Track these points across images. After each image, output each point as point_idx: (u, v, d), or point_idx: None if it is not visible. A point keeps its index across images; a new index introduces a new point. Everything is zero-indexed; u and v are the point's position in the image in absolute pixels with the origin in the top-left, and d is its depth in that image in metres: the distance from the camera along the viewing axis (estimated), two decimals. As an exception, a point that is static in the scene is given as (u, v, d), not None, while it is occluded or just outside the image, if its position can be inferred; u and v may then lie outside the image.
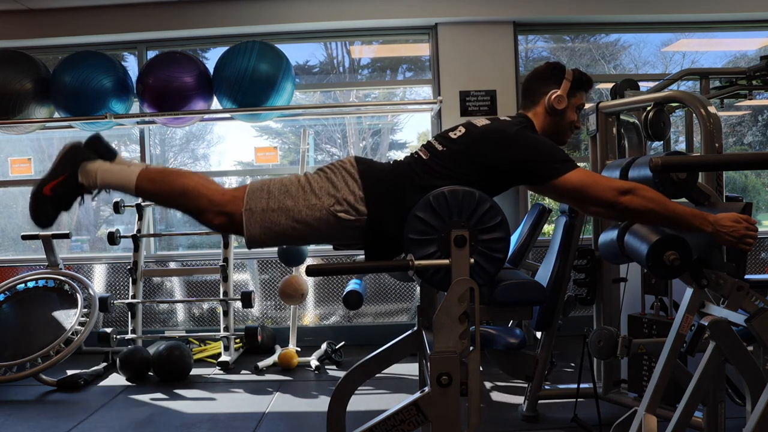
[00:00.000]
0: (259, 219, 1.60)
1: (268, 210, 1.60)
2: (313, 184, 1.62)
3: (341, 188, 1.61)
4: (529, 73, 1.91)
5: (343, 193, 1.60)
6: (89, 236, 5.01)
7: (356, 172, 1.63)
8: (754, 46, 4.82)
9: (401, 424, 1.44)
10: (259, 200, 1.60)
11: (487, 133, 1.69)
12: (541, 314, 2.55)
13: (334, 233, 1.64)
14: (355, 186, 1.60)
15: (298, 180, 1.64)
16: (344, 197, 1.59)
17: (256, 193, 1.61)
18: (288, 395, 3.17)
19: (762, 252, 4.37)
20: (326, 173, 1.65)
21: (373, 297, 4.27)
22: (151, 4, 4.13)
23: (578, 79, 1.84)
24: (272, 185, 1.63)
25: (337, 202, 1.59)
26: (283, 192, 1.61)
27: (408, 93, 4.92)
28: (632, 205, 1.57)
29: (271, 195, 1.61)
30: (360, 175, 1.62)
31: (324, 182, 1.63)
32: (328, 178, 1.63)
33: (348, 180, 1.62)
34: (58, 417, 2.91)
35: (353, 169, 1.64)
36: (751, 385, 1.58)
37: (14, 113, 3.73)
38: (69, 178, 1.66)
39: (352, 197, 1.59)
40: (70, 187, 1.67)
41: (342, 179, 1.62)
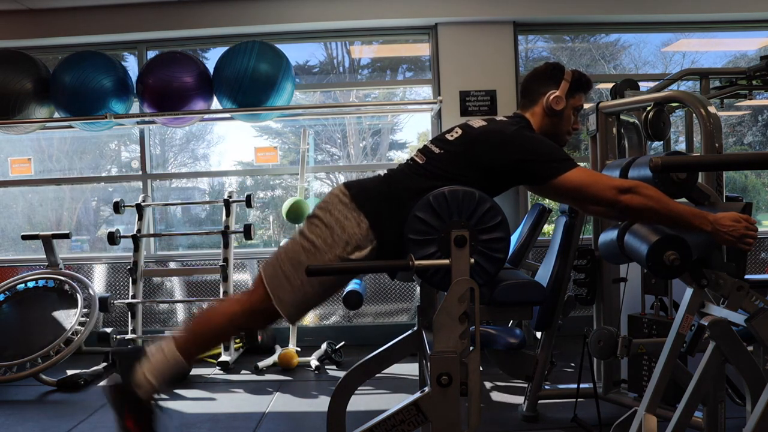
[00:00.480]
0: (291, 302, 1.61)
1: (295, 291, 1.60)
2: (318, 242, 1.59)
3: (346, 226, 1.58)
4: (528, 73, 1.91)
5: (349, 231, 1.57)
6: (89, 236, 5.00)
7: (350, 201, 1.60)
8: (754, 46, 4.82)
9: (401, 424, 1.44)
10: (282, 288, 1.60)
11: (485, 134, 1.68)
12: (541, 314, 2.55)
13: None
14: (357, 215, 1.58)
15: (301, 246, 1.61)
16: (352, 234, 1.57)
17: (276, 281, 1.61)
18: (288, 395, 3.17)
19: (762, 252, 4.37)
20: (322, 218, 1.62)
21: (373, 297, 4.27)
22: (151, 4, 4.13)
23: (577, 81, 1.84)
24: (283, 266, 1.62)
25: (347, 244, 1.57)
26: (296, 267, 1.58)
27: (408, 93, 4.92)
28: (632, 203, 1.57)
29: (288, 277, 1.60)
30: (356, 202, 1.60)
31: (326, 232, 1.59)
32: (327, 225, 1.60)
33: (347, 213, 1.59)
34: (58, 417, 2.91)
35: (347, 199, 1.61)
36: (751, 385, 1.58)
37: (14, 113, 3.73)
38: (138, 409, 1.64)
39: (359, 230, 1.57)
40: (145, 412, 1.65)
41: (341, 216, 1.59)
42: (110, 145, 5.04)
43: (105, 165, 5.02)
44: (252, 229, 3.82)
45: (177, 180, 5.01)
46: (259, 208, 5.03)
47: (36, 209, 4.91)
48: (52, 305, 3.63)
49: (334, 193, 1.65)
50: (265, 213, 5.10)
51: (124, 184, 4.76)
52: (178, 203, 4.83)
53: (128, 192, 4.70)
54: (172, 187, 5.00)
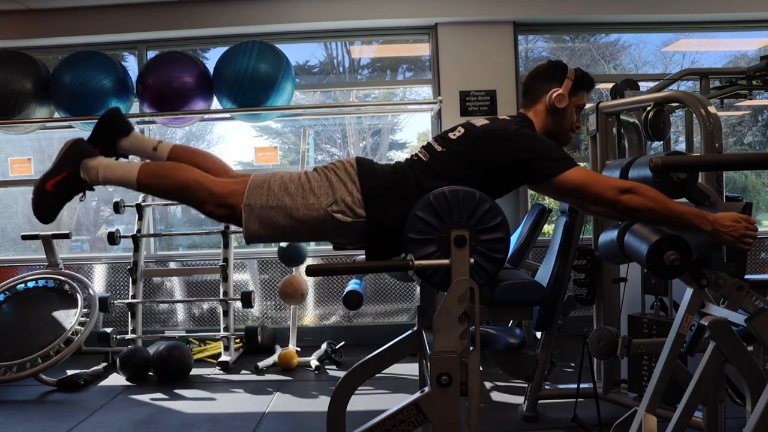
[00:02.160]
0: (257, 215, 1.61)
1: (267, 207, 1.61)
2: (313, 183, 1.63)
3: (339, 189, 1.61)
4: (530, 71, 1.90)
5: (340, 194, 1.60)
6: (89, 236, 5.01)
7: (355, 174, 1.63)
8: (754, 46, 4.82)
9: (401, 424, 1.44)
10: (259, 197, 1.61)
11: (487, 132, 1.68)
12: (541, 314, 2.55)
13: (331, 233, 1.65)
14: (354, 187, 1.61)
15: (299, 177, 1.65)
16: (342, 198, 1.60)
17: (257, 190, 1.62)
18: (288, 395, 3.17)
19: (762, 252, 4.37)
20: (326, 173, 1.66)
21: (373, 297, 4.27)
22: (151, 4, 4.13)
23: (580, 79, 1.84)
24: (273, 182, 1.64)
25: (334, 202, 1.59)
26: (282, 189, 1.62)
27: (408, 93, 4.92)
28: (632, 203, 1.57)
29: (271, 192, 1.62)
30: (359, 177, 1.62)
31: (323, 181, 1.63)
32: (327, 178, 1.64)
33: (347, 181, 1.62)
34: (58, 417, 2.91)
35: (353, 170, 1.64)
36: (751, 385, 1.58)
37: (14, 113, 3.73)
38: (71, 174, 1.69)
39: (350, 198, 1.60)
40: (72, 183, 1.70)
41: (341, 180, 1.62)
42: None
43: (105, 165, 5.01)
44: (252, 229, 3.80)
45: (177, 180, 5.00)
46: (259, 208, 5.03)
47: (36, 209, 4.90)
48: (52, 305, 3.63)
49: (344, 161, 1.68)
50: (265, 213, 5.09)
51: (124, 184, 4.75)
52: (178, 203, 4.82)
53: (128, 192, 4.69)
54: (172, 187, 4.99)
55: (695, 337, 1.64)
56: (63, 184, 1.69)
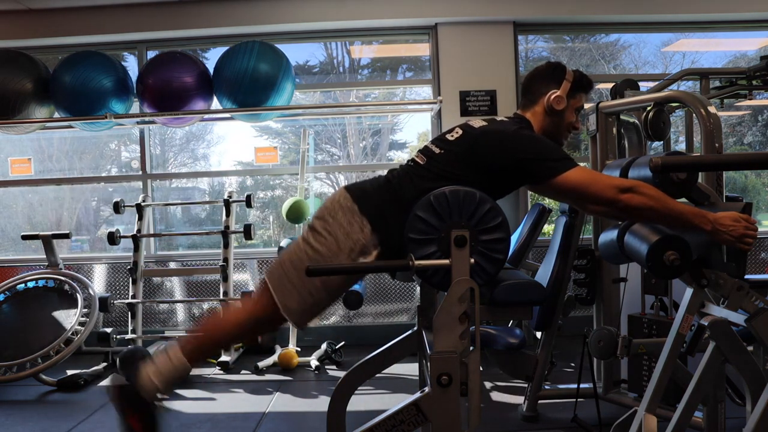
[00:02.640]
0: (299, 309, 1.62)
1: (302, 299, 1.60)
2: (322, 251, 1.59)
3: (350, 232, 1.58)
4: (529, 72, 1.91)
5: (353, 237, 1.58)
6: (89, 236, 5.01)
7: (353, 205, 1.60)
8: (754, 46, 4.82)
9: (401, 424, 1.44)
10: (289, 295, 1.61)
11: (485, 134, 1.68)
12: (541, 314, 2.55)
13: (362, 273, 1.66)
14: (359, 220, 1.59)
15: (306, 253, 1.60)
16: (357, 239, 1.57)
17: (281, 290, 1.61)
18: (288, 395, 3.17)
19: (762, 252, 4.37)
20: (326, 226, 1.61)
21: (373, 297, 4.27)
22: (151, 4, 4.14)
23: (578, 81, 1.84)
24: (289, 274, 1.61)
25: (351, 251, 1.57)
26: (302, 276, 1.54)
27: (408, 93, 4.92)
28: (632, 202, 1.57)
29: (295, 285, 1.60)
30: (358, 206, 1.60)
31: (330, 238, 1.59)
32: (330, 232, 1.60)
33: (349, 218, 1.59)
34: (58, 417, 2.91)
35: (349, 203, 1.61)
36: (751, 385, 1.58)
37: (14, 113, 3.72)
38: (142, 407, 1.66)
39: (362, 235, 1.58)
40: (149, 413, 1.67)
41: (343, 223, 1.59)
42: (110, 145, 5.04)
43: (105, 165, 5.02)
44: (252, 229, 3.81)
45: (177, 180, 5.01)
46: (259, 208, 5.04)
47: (36, 209, 4.91)
48: (52, 305, 3.63)
49: (335, 199, 1.65)
50: (265, 213, 5.10)
51: (124, 184, 4.76)
52: (178, 203, 4.82)
53: (128, 192, 4.70)
54: (172, 187, 5.00)
55: (695, 337, 1.64)
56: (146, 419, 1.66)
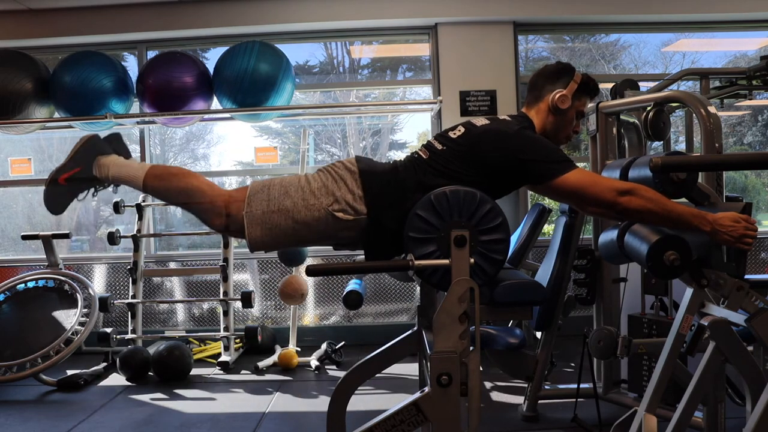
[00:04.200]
0: (259, 221, 1.60)
1: (268, 212, 1.60)
2: (312, 184, 1.63)
3: (340, 187, 1.61)
4: (538, 70, 1.91)
5: (341, 192, 1.60)
6: (89, 236, 5.01)
7: (356, 170, 1.63)
8: (754, 46, 4.82)
9: (401, 424, 1.44)
10: (260, 202, 1.61)
11: (487, 132, 1.69)
12: (541, 314, 2.55)
13: (333, 233, 1.64)
14: (354, 185, 1.61)
15: (298, 180, 1.65)
16: (343, 196, 1.60)
17: (257, 196, 1.62)
18: (288, 395, 3.17)
19: (762, 252, 4.37)
20: (326, 173, 1.66)
21: (373, 297, 4.27)
22: (151, 4, 4.13)
23: (585, 84, 1.84)
24: (272, 187, 1.64)
25: (335, 201, 1.59)
26: (282, 193, 1.62)
27: (408, 93, 4.92)
28: (631, 205, 1.57)
29: (271, 197, 1.62)
30: (360, 174, 1.63)
31: (322, 182, 1.63)
32: (326, 178, 1.64)
33: (347, 179, 1.62)
34: (58, 417, 2.91)
35: (353, 167, 1.64)
36: (751, 385, 1.58)
37: (14, 113, 3.72)
38: (84, 170, 1.74)
39: (351, 196, 1.60)
40: (84, 179, 1.75)
41: (341, 178, 1.63)
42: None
43: (105, 165, 5.02)
44: (252, 229, 3.81)
45: (177, 180, 5.00)
46: (259, 208, 5.03)
47: (36, 209, 4.91)
48: (52, 305, 3.63)
49: (344, 161, 1.68)
50: (265, 213, 5.09)
51: (124, 184, 4.75)
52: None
53: (128, 192, 4.69)
54: (172, 187, 4.99)
55: (695, 337, 1.64)
56: (76, 179, 1.73)
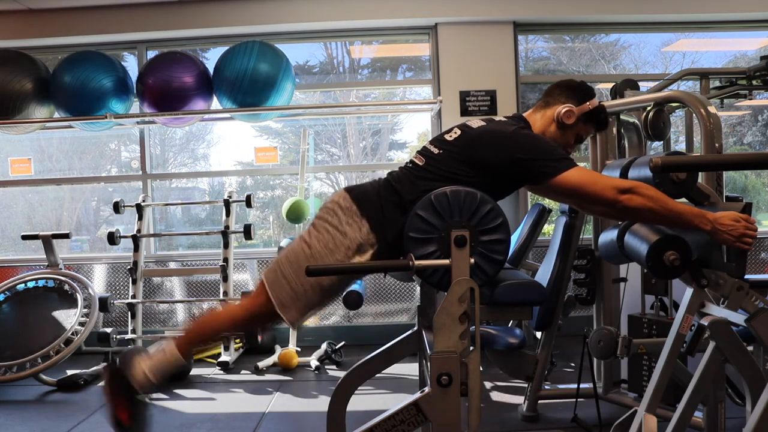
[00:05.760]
0: (293, 307, 1.62)
1: (295, 296, 1.61)
2: (319, 247, 1.60)
3: (347, 231, 1.59)
4: (561, 80, 1.91)
5: (350, 236, 1.59)
6: (89, 236, 5.01)
7: (354, 206, 1.61)
8: (754, 46, 4.82)
9: (401, 424, 1.44)
10: (284, 291, 1.62)
11: (484, 133, 1.68)
12: (541, 314, 2.55)
13: None
14: (357, 219, 1.59)
15: (302, 250, 1.62)
16: (354, 240, 1.58)
17: (276, 286, 1.62)
18: (288, 395, 3.17)
19: (762, 252, 4.37)
20: (324, 223, 1.63)
21: (373, 297, 4.27)
22: (151, 4, 4.13)
23: (597, 112, 1.84)
24: (284, 270, 1.63)
25: (349, 249, 1.58)
26: (297, 272, 1.58)
27: (408, 93, 4.92)
28: (632, 203, 1.57)
29: (289, 279, 1.61)
30: (357, 206, 1.61)
31: (328, 236, 1.60)
32: (328, 230, 1.61)
33: (348, 218, 1.60)
34: (58, 417, 2.91)
35: (349, 204, 1.62)
36: (751, 385, 1.58)
37: (14, 113, 3.72)
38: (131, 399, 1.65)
39: (360, 234, 1.58)
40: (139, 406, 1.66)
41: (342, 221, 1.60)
42: (110, 145, 5.04)
43: (105, 165, 5.03)
44: (252, 229, 3.82)
45: (177, 180, 5.01)
46: (259, 208, 5.04)
47: (36, 209, 4.91)
48: (52, 305, 3.63)
49: (334, 200, 1.66)
50: (265, 213, 5.10)
51: (124, 184, 4.76)
52: (178, 203, 4.82)
53: (128, 192, 4.70)
54: (172, 187, 5.00)
55: (695, 337, 1.64)
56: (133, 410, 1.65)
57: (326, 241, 1.60)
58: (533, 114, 1.86)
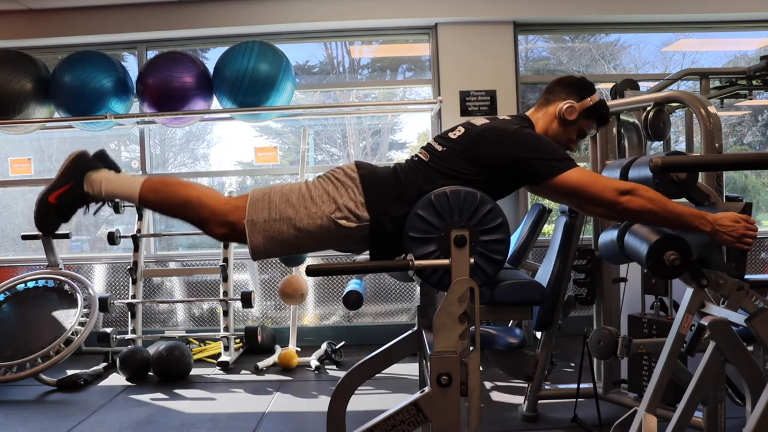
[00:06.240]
0: (261, 229, 1.60)
1: (270, 220, 1.59)
2: (313, 192, 1.62)
3: (342, 194, 1.60)
4: (560, 76, 1.91)
5: (343, 200, 1.59)
6: (89, 236, 5.00)
7: (357, 177, 1.62)
8: (754, 46, 4.82)
9: (401, 424, 1.44)
10: (261, 210, 1.60)
11: (487, 131, 1.69)
12: (541, 314, 2.55)
13: (336, 240, 1.63)
14: (356, 192, 1.60)
15: (299, 188, 1.63)
16: (345, 204, 1.59)
17: (258, 204, 1.61)
18: (288, 395, 3.17)
19: (762, 252, 4.37)
20: (326, 180, 1.65)
21: (373, 297, 4.27)
22: (151, 4, 4.13)
23: (598, 108, 1.83)
24: (273, 194, 1.62)
25: (337, 209, 1.58)
26: (284, 201, 1.60)
27: (408, 93, 4.92)
28: (631, 205, 1.57)
29: (272, 205, 1.60)
30: (361, 180, 1.61)
31: (324, 189, 1.62)
32: (327, 185, 1.63)
33: (348, 185, 1.61)
34: (58, 417, 2.91)
35: (354, 174, 1.63)
36: (751, 385, 1.58)
37: (14, 113, 3.72)
38: (74, 187, 1.67)
39: (353, 203, 1.59)
40: (75, 196, 1.68)
41: (342, 185, 1.62)
42: (110, 145, 5.04)
43: (105, 165, 5.01)
44: (252, 229, 3.81)
45: (177, 180, 5.00)
46: (259, 208, 5.03)
47: (36, 209, 4.90)
48: (52, 305, 3.63)
49: (344, 167, 1.67)
50: (265, 213, 5.09)
51: (124, 184, 4.75)
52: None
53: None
54: (172, 187, 4.99)
55: (695, 337, 1.64)
56: (66, 197, 1.67)
57: (321, 192, 1.61)
58: (535, 112, 1.86)
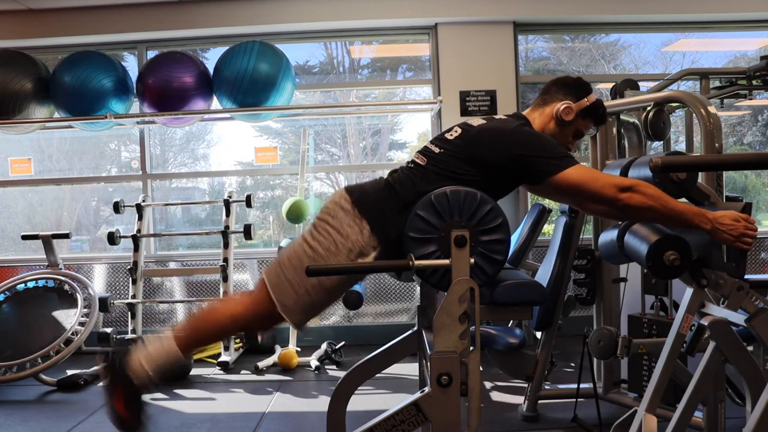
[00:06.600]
0: (295, 309, 1.61)
1: (299, 298, 1.60)
2: (320, 250, 1.59)
3: (347, 233, 1.58)
4: (557, 77, 1.91)
5: (352, 239, 1.58)
6: (89, 236, 5.00)
7: (352, 207, 1.60)
8: (754, 46, 4.82)
9: (401, 424, 1.44)
10: (286, 292, 1.61)
11: (484, 131, 1.69)
12: (541, 314, 2.55)
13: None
14: (358, 221, 1.59)
15: (304, 251, 1.61)
16: (355, 240, 1.58)
17: (280, 287, 1.61)
18: (288, 395, 3.17)
19: (762, 252, 4.37)
20: (325, 224, 1.62)
21: (373, 297, 4.27)
22: (151, 4, 4.13)
23: (595, 108, 1.84)
24: (286, 271, 1.62)
25: (350, 251, 1.57)
26: (300, 274, 1.56)
27: (408, 93, 4.92)
28: (632, 201, 1.57)
29: (292, 282, 1.60)
30: (358, 208, 1.60)
31: (329, 236, 1.60)
32: (330, 231, 1.60)
33: (349, 220, 1.59)
34: (58, 417, 2.91)
35: (348, 205, 1.61)
36: (751, 385, 1.58)
37: (14, 113, 3.72)
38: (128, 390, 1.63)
39: (361, 237, 1.58)
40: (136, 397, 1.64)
41: (341, 222, 1.60)
42: (110, 145, 5.04)
43: (105, 165, 5.02)
44: (252, 229, 3.82)
45: (177, 180, 5.01)
46: (259, 208, 5.04)
47: (36, 209, 4.91)
48: (52, 305, 3.63)
49: (335, 200, 1.65)
50: (265, 213, 5.10)
51: (124, 184, 4.76)
52: (178, 203, 4.82)
53: (128, 192, 4.70)
54: (172, 187, 5.00)
55: (695, 337, 1.64)
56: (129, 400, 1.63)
57: (328, 243, 1.59)
58: (532, 112, 1.86)
